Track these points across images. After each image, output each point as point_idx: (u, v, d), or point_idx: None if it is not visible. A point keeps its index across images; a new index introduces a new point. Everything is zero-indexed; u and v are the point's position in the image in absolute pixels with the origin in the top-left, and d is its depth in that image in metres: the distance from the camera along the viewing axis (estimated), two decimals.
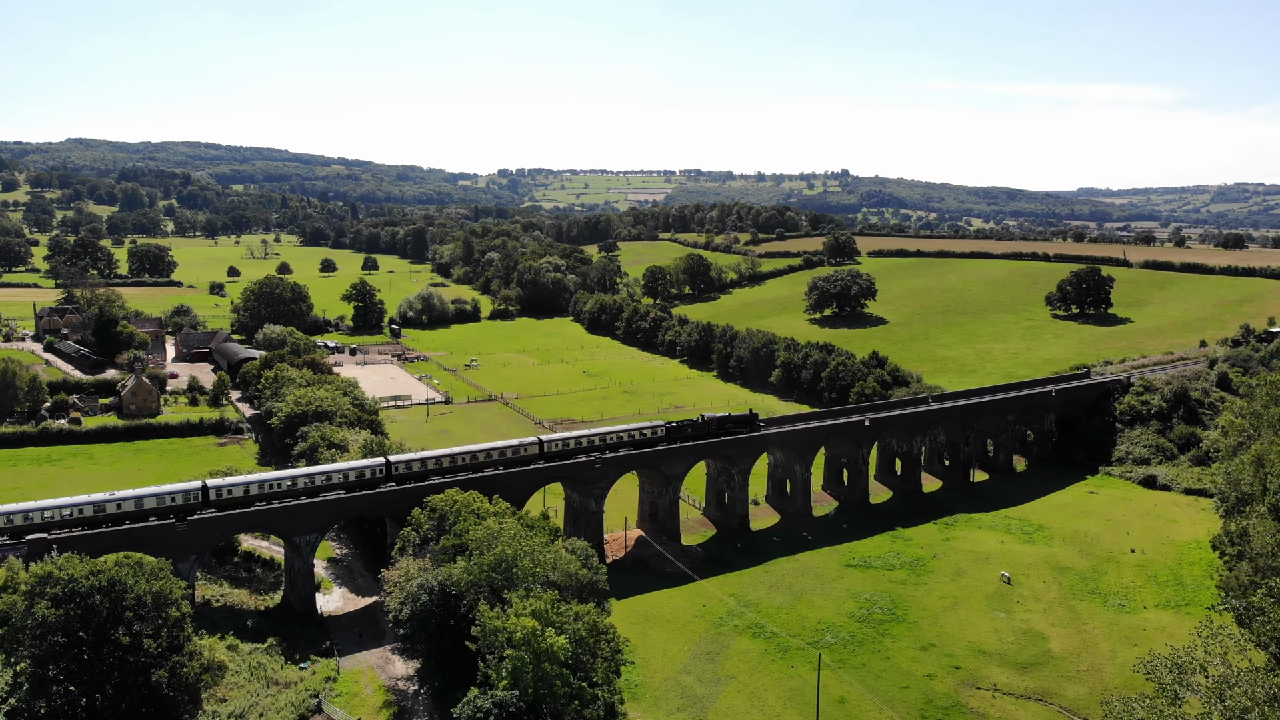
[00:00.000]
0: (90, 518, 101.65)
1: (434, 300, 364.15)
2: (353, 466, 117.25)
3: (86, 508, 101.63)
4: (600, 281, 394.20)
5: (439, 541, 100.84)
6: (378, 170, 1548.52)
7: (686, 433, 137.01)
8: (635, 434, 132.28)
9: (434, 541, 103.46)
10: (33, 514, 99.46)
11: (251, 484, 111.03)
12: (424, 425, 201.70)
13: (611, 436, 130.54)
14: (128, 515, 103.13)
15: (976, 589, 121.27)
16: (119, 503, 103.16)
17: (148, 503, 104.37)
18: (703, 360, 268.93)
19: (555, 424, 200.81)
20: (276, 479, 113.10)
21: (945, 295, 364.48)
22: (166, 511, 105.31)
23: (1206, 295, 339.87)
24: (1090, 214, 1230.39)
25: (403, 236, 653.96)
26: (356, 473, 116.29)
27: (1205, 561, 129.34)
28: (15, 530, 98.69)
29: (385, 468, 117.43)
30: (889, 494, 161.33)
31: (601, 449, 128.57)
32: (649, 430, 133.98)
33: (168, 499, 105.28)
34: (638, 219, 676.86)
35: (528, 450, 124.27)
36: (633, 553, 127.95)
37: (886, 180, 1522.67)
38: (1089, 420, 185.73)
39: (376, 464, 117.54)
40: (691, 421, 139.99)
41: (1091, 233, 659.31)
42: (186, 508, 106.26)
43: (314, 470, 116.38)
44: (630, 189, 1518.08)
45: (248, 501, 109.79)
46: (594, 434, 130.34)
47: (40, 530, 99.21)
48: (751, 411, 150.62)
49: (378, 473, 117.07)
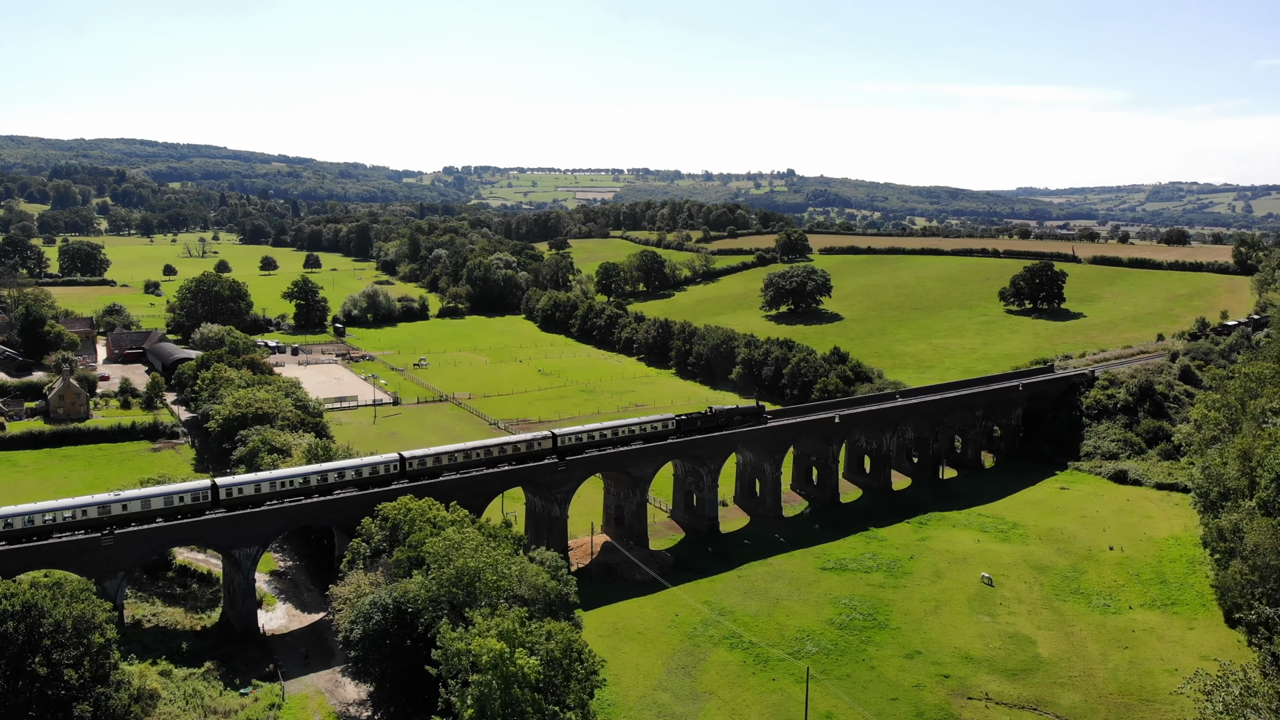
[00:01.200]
0: (94, 520, 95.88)
1: (379, 298, 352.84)
2: (366, 463, 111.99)
3: (90, 509, 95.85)
4: (553, 278, 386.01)
5: (392, 554, 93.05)
6: (319, 168, 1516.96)
7: (696, 425, 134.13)
8: (646, 427, 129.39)
9: (386, 554, 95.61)
10: (34, 516, 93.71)
11: (263, 482, 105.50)
12: (372, 427, 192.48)
13: (624, 430, 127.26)
14: (134, 517, 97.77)
15: (958, 591, 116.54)
16: (125, 503, 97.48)
17: (155, 503, 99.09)
18: (661, 358, 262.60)
19: (512, 424, 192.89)
20: (288, 476, 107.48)
21: (899, 291, 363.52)
22: (175, 513, 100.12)
23: (1156, 290, 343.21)
24: (1030, 213, 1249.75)
25: (346, 233, 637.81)
26: (369, 468, 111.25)
27: (1186, 559, 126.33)
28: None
29: (400, 463, 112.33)
30: (859, 492, 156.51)
31: (615, 443, 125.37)
32: (660, 424, 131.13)
33: (175, 499, 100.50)
34: (588, 216, 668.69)
35: (541, 445, 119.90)
36: (599, 560, 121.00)
37: (832, 180, 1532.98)
38: (1055, 415, 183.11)
39: (390, 459, 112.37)
40: (701, 414, 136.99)
41: (1034, 230, 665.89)
42: (195, 508, 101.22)
43: (328, 467, 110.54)
44: (578, 187, 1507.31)
45: (259, 501, 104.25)
46: (605, 428, 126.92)
47: (39, 534, 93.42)
48: (759, 403, 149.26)
49: (392, 469, 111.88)
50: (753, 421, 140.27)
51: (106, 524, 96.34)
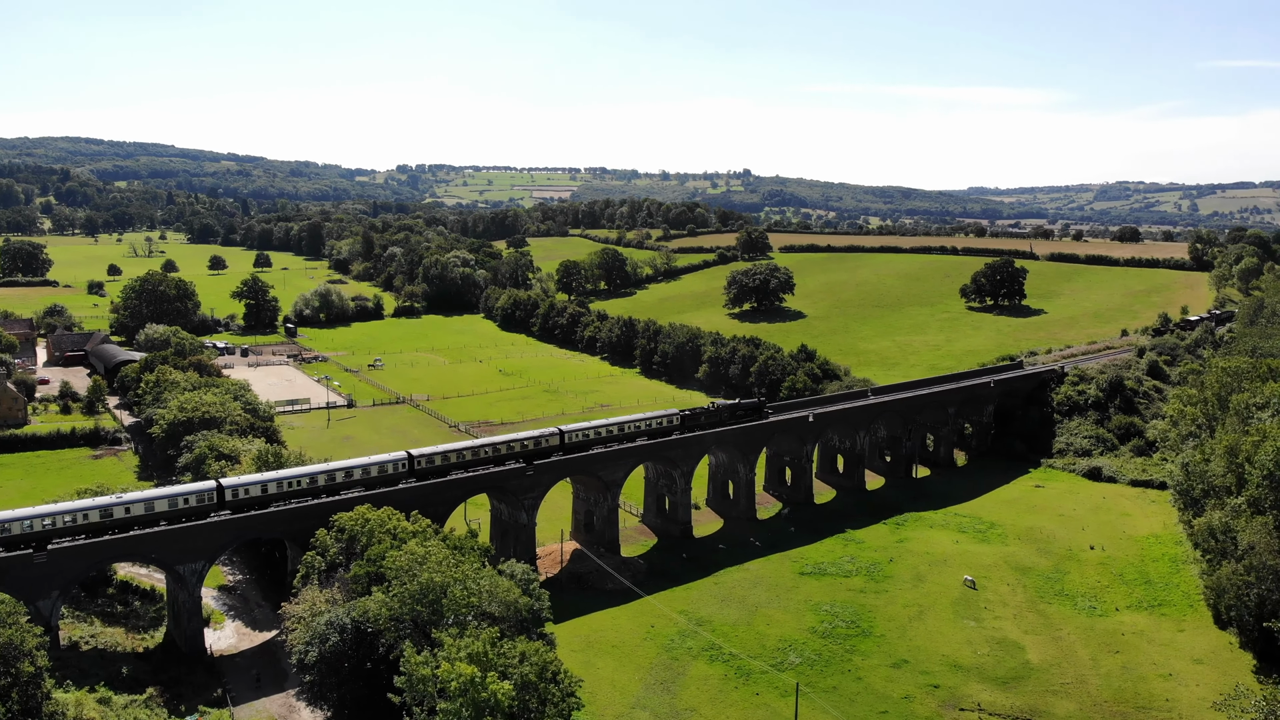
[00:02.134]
0: (97, 524, 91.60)
1: (332, 297, 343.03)
2: (378, 460, 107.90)
3: (92, 513, 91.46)
4: (512, 277, 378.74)
5: (349, 568, 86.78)
6: (270, 166, 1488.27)
7: (700, 420, 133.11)
8: (651, 423, 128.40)
9: (344, 567, 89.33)
10: (33, 520, 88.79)
11: (269, 482, 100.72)
12: (326, 431, 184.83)
13: (630, 426, 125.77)
14: (136, 520, 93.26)
15: (940, 595, 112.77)
16: (128, 506, 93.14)
17: (159, 506, 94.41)
18: (625, 357, 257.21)
19: (473, 427, 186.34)
20: (297, 475, 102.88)
21: (860, 289, 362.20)
22: (179, 515, 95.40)
23: (1115, 286, 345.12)
24: (981, 212, 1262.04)
25: (297, 232, 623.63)
26: (378, 467, 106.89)
27: (1169, 558, 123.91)
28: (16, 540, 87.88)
29: (408, 461, 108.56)
30: (833, 493, 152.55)
31: (620, 439, 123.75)
32: (664, 419, 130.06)
33: (180, 501, 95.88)
34: (546, 214, 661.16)
35: (548, 441, 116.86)
36: (569, 568, 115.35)
37: (787, 180, 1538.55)
38: (1026, 411, 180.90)
39: (398, 458, 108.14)
40: (704, 409, 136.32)
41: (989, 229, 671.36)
42: (200, 510, 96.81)
43: (337, 465, 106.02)
44: (535, 186, 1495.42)
45: (265, 502, 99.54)
46: (611, 424, 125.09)
47: (40, 539, 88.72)
48: (760, 398, 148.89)
49: (400, 467, 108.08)
50: (755, 416, 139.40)
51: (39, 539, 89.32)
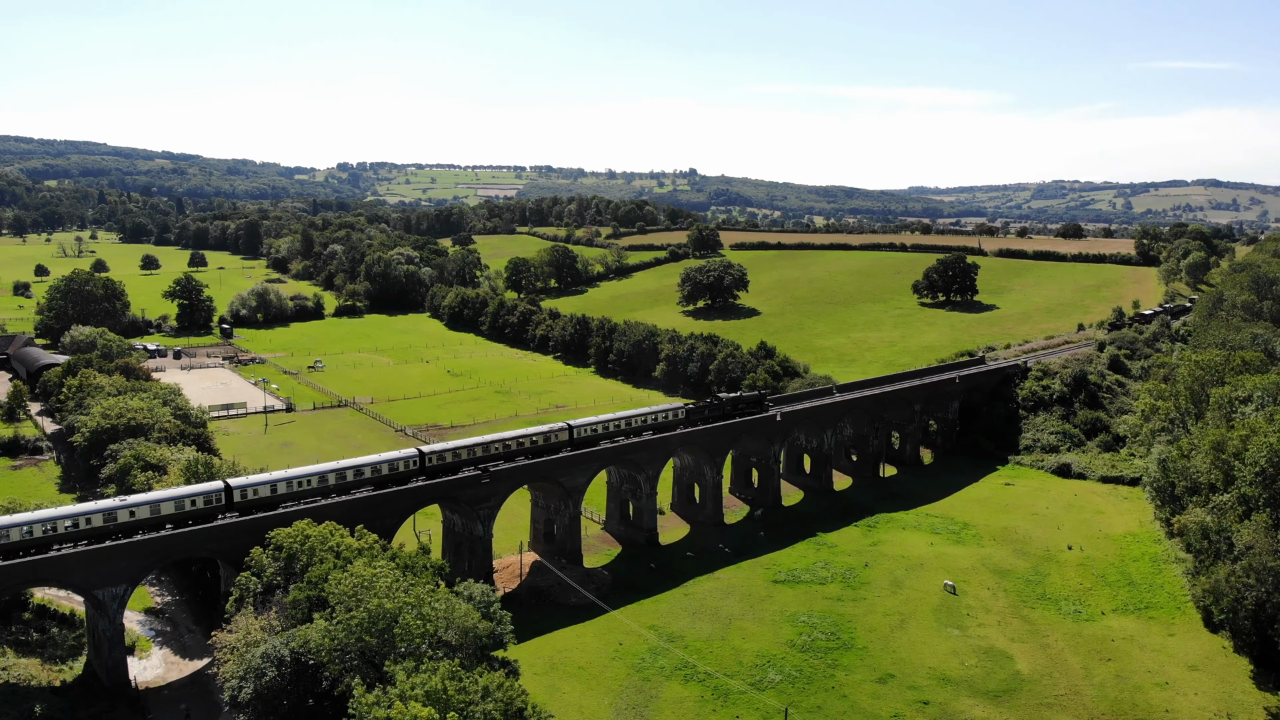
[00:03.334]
0: (100, 528, 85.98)
1: (270, 296, 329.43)
2: (388, 458, 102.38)
3: (95, 516, 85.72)
4: (459, 274, 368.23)
5: (288, 591, 78.29)
6: (206, 164, 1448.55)
7: (704, 414, 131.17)
8: (657, 417, 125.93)
9: (282, 590, 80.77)
10: (34, 526, 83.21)
11: (279, 482, 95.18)
12: (263, 437, 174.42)
13: (637, 420, 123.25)
14: (141, 524, 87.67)
15: (920, 601, 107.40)
16: (132, 509, 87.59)
17: (164, 508, 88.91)
18: (579, 356, 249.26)
19: (420, 431, 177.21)
20: (305, 475, 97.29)
21: (812, 286, 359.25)
22: (185, 518, 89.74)
23: (1064, 281, 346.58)
24: (922, 210, 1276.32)
25: (234, 231, 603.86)
26: (388, 464, 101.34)
27: (1149, 557, 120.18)
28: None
29: (419, 459, 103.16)
30: (800, 494, 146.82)
31: (628, 433, 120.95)
32: (669, 413, 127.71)
33: (186, 503, 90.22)
34: (492, 212, 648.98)
35: (558, 437, 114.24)
36: (529, 582, 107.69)
37: (733, 179, 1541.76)
38: (991, 407, 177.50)
39: (409, 455, 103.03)
40: (709, 403, 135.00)
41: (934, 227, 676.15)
42: (207, 512, 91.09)
43: (346, 464, 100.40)
44: (480, 184, 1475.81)
45: (273, 503, 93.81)
46: (619, 418, 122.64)
47: (36, 547, 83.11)
48: (760, 391, 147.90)
49: (411, 465, 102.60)
50: (755, 410, 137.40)
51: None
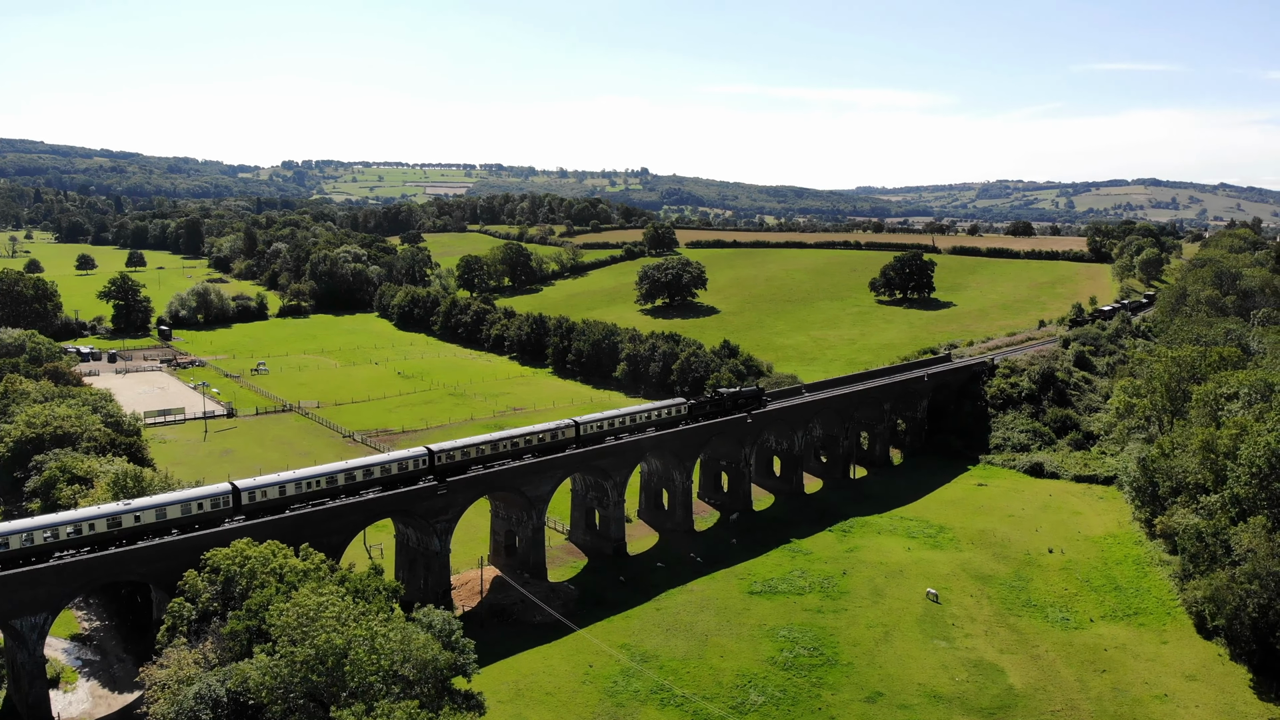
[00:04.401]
0: (104, 534, 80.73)
1: (211, 296, 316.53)
2: (397, 457, 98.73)
3: (99, 522, 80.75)
4: (408, 273, 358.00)
5: (226, 619, 70.44)
6: (146, 162, 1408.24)
7: (706, 409, 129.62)
8: (660, 413, 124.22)
9: (219, 617, 72.85)
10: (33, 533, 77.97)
11: (287, 483, 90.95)
12: (202, 445, 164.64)
13: (641, 416, 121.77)
14: (148, 529, 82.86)
15: (904, 612, 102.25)
16: (137, 514, 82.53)
17: (170, 512, 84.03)
18: (536, 356, 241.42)
19: (370, 436, 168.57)
20: (315, 475, 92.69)
21: (770, 284, 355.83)
22: (191, 522, 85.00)
23: (1019, 278, 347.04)
24: (871, 210, 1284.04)
25: (174, 229, 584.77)
26: (397, 464, 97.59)
27: (1131, 559, 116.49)
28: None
29: (428, 458, 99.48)
30: (771, 498, 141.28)
31: (632, 429, 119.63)
32: (671, 409, 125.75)
33: (193, 506, 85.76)
34: (442, 210, 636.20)
35: (564, 434, 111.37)
36: (490, 599, 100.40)
37: (684, 179, 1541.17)
38: (959, 405, 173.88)
39: (417, 454, 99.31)
40: (710, 398, 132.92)
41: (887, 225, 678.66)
42: (214, 516, 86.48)
43: (355, 464, 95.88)
44: (428, 182, 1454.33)
45: (281, 505, 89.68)
46: (623, 414, 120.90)
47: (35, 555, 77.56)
48: (758, 386, 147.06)
49: (421, 463, 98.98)
50: (754, 405, 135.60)
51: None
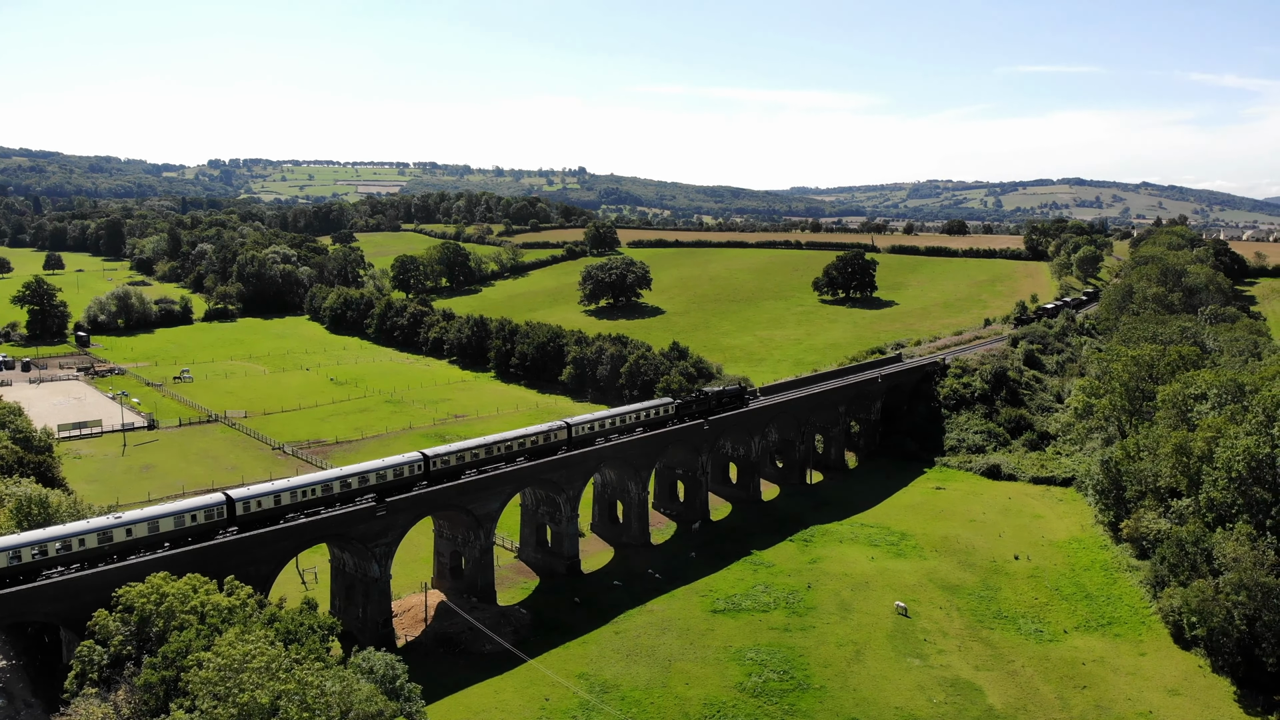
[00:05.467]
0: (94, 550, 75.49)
1: (132, 300, 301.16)
2: (393, 463, 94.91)
3: (89, 536, 75.49)
4: (341, 274, 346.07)
5: (141, 665, 62.47)
6: (67, 161, 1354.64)
7: (692, 409, 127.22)
8: (649, 413, 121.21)
9: (134, 663, 64.79)
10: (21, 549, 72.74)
11: (282, 492, 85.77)
12: (121, 460, 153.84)
13: (630, 416, 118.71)
14: (141, 544, 77.41)
15: (873, 628, 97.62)
16: (129, 527, 77.42)
17: (164, 525, 78.95)
18: (477, 360, 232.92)
19: (301, 448, 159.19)
20: (310, 484, 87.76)
21: (714, 284, 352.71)
22: (185, 535, 79.69)
23: (959, 276, 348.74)
24: (805, 210, 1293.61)
25: (94, 230, 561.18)
26: (392, 470, 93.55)
27: (1099, 565, 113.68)
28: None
29: (424, 463, 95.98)
30: (728, 506, 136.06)
31: (622, 430, 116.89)
32: (659, 408, 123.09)
33: (188, 518, 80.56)
34: (375, 208, 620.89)
35: (557, 436, 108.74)
36: (435, 627, 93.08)
37: (622, 178, 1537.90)
38: (913, 407, 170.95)
39: (412, 459, 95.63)
40: (695, 397, 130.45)
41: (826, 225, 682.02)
42: (210, 528, 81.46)
43: (350, 471, 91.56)
44: (361, 181, 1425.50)
45: (277, 515, 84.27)
46: (614, 415, 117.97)
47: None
48: (740, 384, 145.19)
49: (416, 469, 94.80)
50: (737, 404, 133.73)
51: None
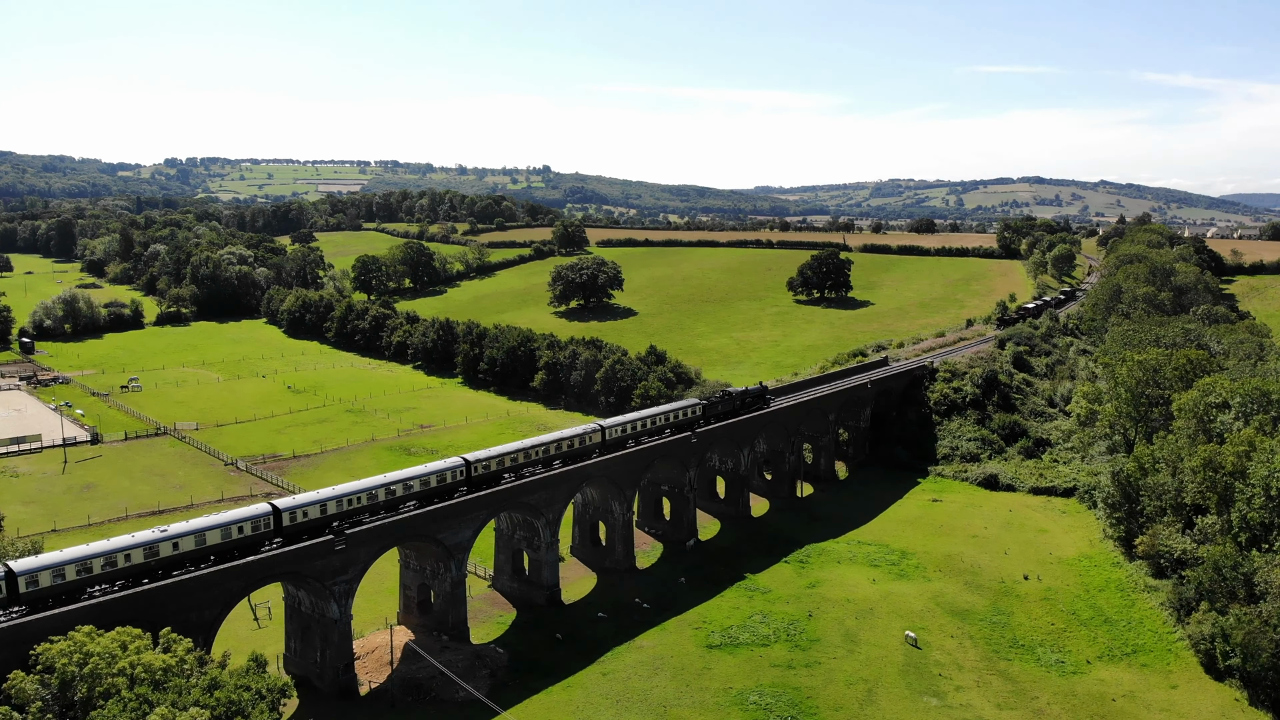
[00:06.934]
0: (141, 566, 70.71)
1: (80, 304, 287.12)
2: (436, 469, 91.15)
3: (135, 551, 70.72)
4: (299, 275, 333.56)
5: None
6: (19, 161, 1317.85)
7: (718, 410, 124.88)
8: (677, 414, 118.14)
9: None
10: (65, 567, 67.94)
11: (329, 500, 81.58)
12: (60, 479, 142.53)
13: (660, 419, 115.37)
14: (187, 557, 72.76)
15: (884, 661, 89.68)
16: (175, 541, 72.55)
17: (210, 538, 74.01)
18: (444, 365, 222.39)
19: (255, 463, 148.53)
20: (357, 491, 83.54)
21: (686, 284, 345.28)
22: (230, 548, 74.74)
23: (933, 275, 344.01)
24: (770, 209, 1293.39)
25: (45, 231, 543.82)
26: (436, 476, 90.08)
27: (1114, 585, 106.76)
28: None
29: (465, 469, 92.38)
30: (717, 524, 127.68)
31: (652, 432, 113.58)
32: (686, 409, 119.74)
33: (234, 530, 75.62)
34: (336, 207, 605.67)
35: (590, 439, 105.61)
36: (402, 671, 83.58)
37: (588, 177, 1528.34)
38: (903, 413, 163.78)
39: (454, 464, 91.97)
40: (721, 396, 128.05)
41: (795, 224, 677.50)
42: (256, 540, 76.54)
43: (395, 477, 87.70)
44: (321, 180, 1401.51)
45: (321, 526, 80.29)
46: (644, 416, 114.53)
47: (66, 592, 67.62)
48: (761, 384, 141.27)
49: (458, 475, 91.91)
50: (759, 405, 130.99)
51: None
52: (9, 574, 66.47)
